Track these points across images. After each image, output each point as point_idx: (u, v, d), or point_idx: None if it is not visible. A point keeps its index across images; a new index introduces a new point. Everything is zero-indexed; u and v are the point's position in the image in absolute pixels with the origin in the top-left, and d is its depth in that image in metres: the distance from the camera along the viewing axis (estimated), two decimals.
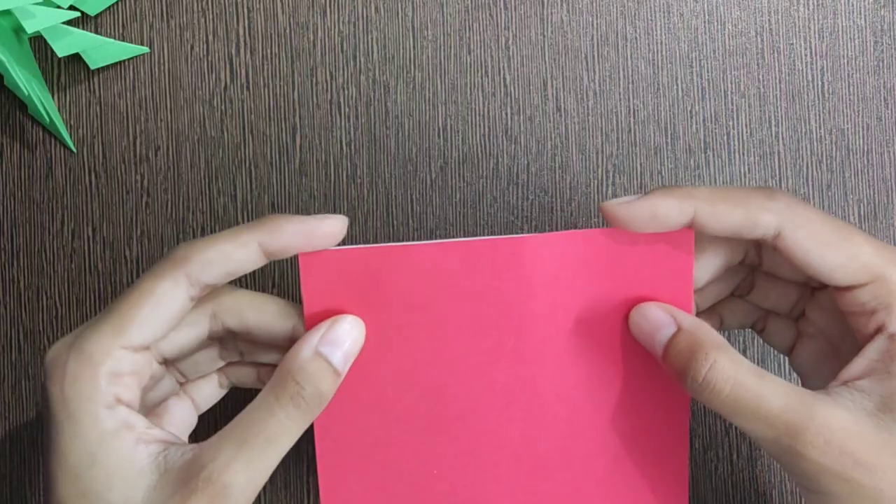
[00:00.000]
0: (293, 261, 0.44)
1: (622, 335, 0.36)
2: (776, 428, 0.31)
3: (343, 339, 0.34)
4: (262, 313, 0.36)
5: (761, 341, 0.44)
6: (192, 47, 0.44)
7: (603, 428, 0.37)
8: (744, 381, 0.32)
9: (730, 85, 0.45)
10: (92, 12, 0.44)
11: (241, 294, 0.36)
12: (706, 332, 0.33)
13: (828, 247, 0.33)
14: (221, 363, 0.39)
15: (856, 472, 0.31)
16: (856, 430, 0.31)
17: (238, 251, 0.33)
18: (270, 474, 0.33)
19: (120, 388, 0.33)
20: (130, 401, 0.34)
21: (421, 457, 0.37)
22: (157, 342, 0.35)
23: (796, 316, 0.38)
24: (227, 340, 0.37)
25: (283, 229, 0.34)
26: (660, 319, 0.34)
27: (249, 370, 0.39)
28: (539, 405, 0.37)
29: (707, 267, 0.36)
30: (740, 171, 0.45)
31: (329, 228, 0.34)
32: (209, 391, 0.39)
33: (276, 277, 0.44)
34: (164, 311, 0.33)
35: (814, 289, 0.37)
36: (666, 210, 0.33)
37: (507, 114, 0.45)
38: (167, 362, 0.37)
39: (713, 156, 0.45)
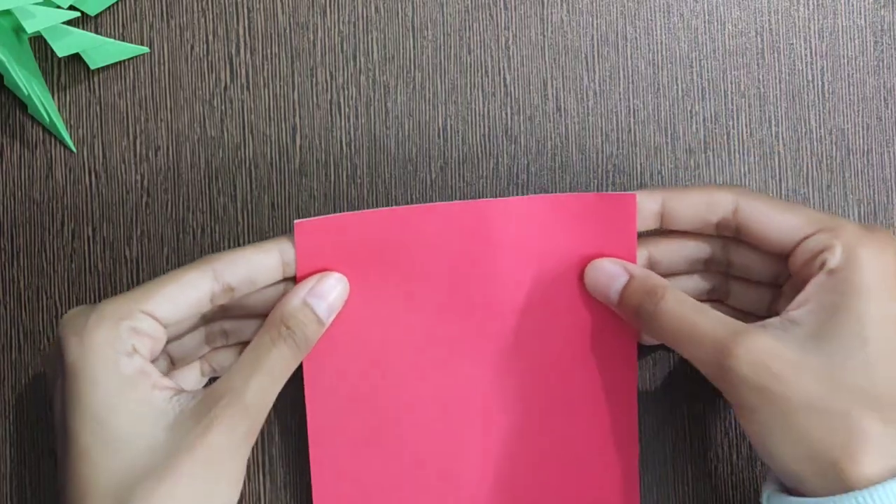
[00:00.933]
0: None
1: (577, 287, 0.40)
2: (708, 349, 0.36)
3: (328, 292, 0.39)
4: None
5: None
6: (192, 47, 0.44)
7: (558, 373, 0.41)
8: (684, 312, 0.37)
9: (730, 85, 0.45)
10: (92, 12, 0.44)
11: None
12: (654, 276, 0.39)
13: (781, 211, 0.38)
14: (206, 349, 0.41)
15: (769, 382, 0.34)
16: (777, 349, 0.35)
17: (259, 255, 0.38)
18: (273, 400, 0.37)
19: (137, 341, 0.36)
20: (145, 356, 0.36)
21: (401, 399, 0.41)
22: (172, 324, 0.37)
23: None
24: (214, 320, 0.40)
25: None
26: (614, 271, 0.39)
27: (232, 353, 0.41)
28: (505, 355, 0.41)
29: (672, 252, 0.41)
30: (740, 171, 0.45)
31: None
32: (192, 379, 0.41)
33: None
34: (188, 295, 0.37)
35: (781, 287, 0.40)
36: (639, 204, 0.39)
37: (507, 114, 0.45)
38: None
39: (713, 156, 0.45)
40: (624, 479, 0.42)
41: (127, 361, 0.35)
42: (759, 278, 0.40)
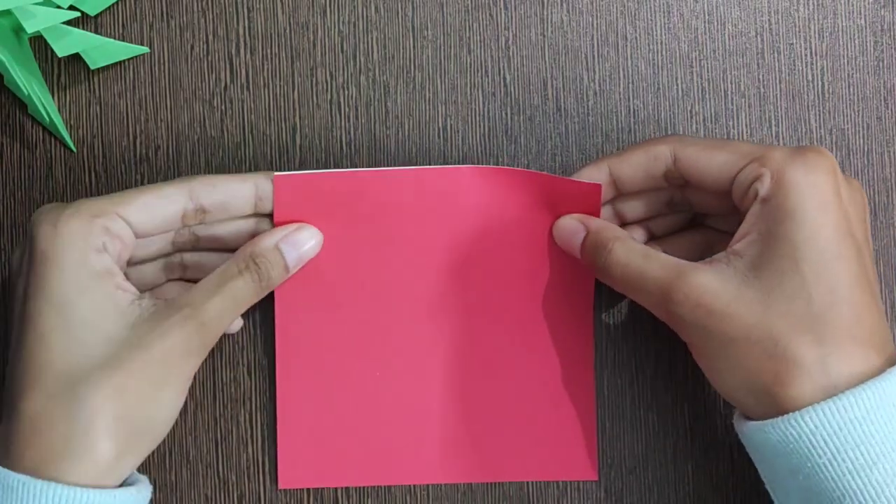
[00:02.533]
0: None
1: (537, 247, 0.43)
2: (653, 294, 0.37)
3: (301, 244, 0.40)
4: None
5: None
6: (192, 47, 0.44)
7: (520, 324, 0.43)
8: (631, 261, 0.38)
9: (730, 85, 0.45)
10: (92, 12, 0.44)
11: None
12: (608, 228, 0.40)
13: (713, 150, 0.39)
14: (163, 279, 0.42)
15: (707, 320, 0.36)
16: (714, 287, 0.36)
17: (236, 184, 0.39)
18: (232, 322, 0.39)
19: (108, 240, 0.37)
20: (113, 256, 0.37)
21: (366, 346, 0.43)
22: (143, 234, 0.38)
23: None
24: (183, 249, 0.41)
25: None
26: (574, 227, 0.41)
27: (185, 288, 0.41)
28: (469, 307, 0.43)
29: (634, 206, 0.42)
30: None
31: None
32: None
33: None
34: (163, 208, 0.38)
35: None
36: (588, 175, 0.41)
37: (507, 114, 0.45)
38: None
39: None
40: (581, 422, 0.44)
41: (96, 257, 0.36)
42: (720, 214, 0.41)
